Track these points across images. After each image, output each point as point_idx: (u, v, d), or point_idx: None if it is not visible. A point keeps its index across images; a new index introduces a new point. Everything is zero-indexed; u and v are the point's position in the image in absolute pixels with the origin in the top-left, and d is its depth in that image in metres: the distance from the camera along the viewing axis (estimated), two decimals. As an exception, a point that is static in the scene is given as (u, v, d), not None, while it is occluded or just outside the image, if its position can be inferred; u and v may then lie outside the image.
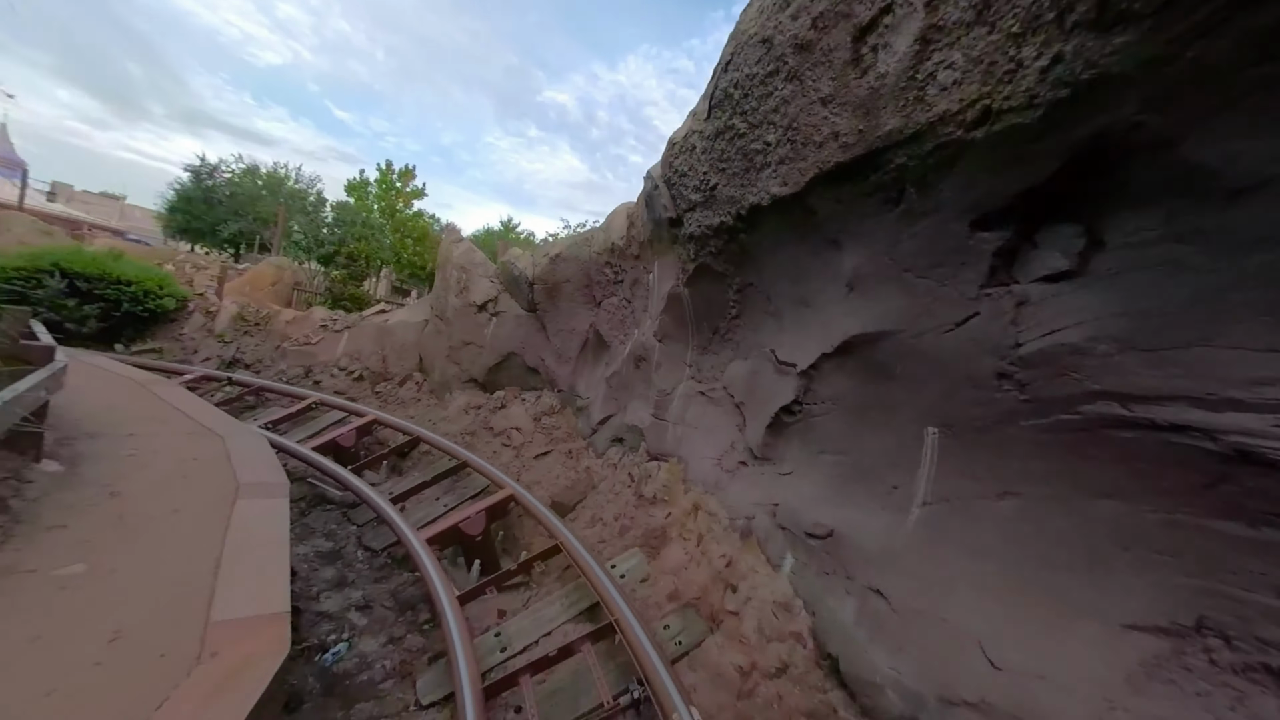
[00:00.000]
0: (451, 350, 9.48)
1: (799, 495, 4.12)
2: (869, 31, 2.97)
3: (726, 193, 4.48)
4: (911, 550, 3.17)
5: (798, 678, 3.43)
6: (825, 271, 3.88)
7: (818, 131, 3.39)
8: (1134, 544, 2.30)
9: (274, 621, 1.99)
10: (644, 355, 6.78)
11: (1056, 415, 2.52)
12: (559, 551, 4.81)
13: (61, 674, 1.65)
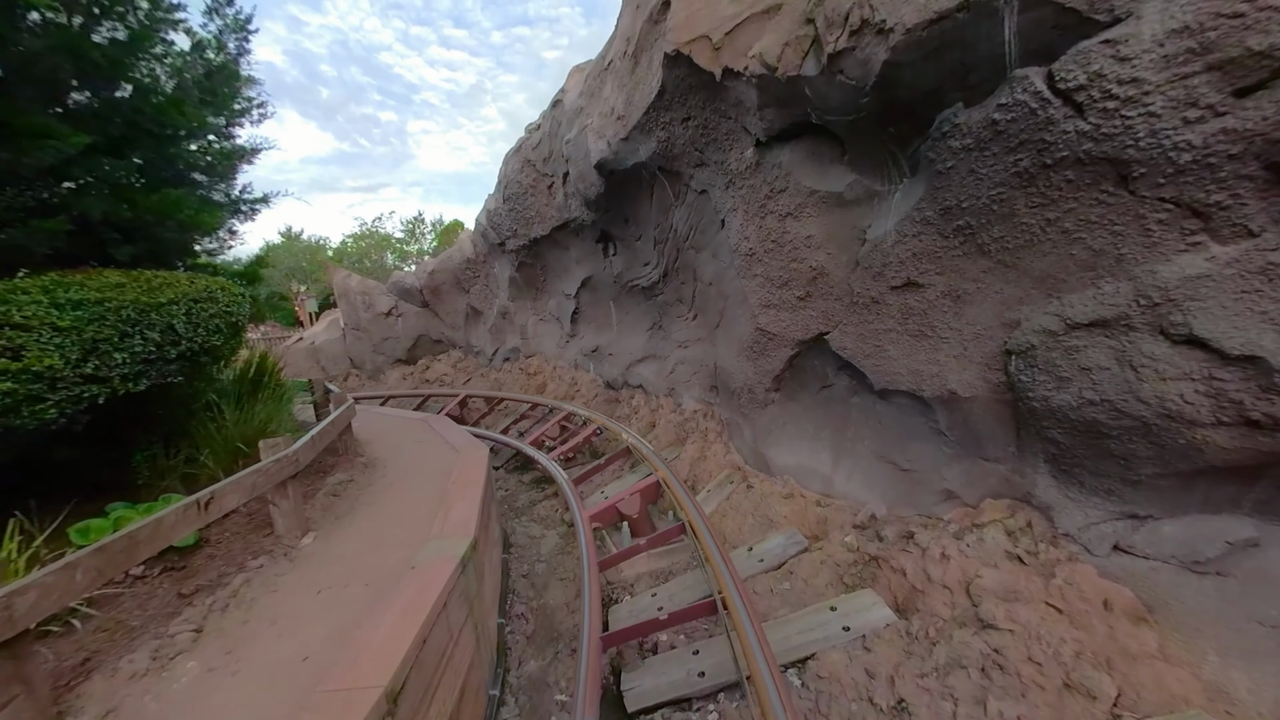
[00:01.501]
0: (375, 346, 14.19)
1: (608, 349, 10.72)
2: (551, 181, 9.20)
3: (522, 232, 10.54)
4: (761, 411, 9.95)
5: (713, 441, 10.13)
6: (567, 258, 10.27)
7: (545, 211, 9.61)
8: (854, 423, 9.22)
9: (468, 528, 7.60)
10: (506, 310, 12.73)
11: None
12: (501, 402, 10.90)
13: (400, 526, 7.22)
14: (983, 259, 3.34)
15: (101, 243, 3.70)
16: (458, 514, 4.12)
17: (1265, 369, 2.40)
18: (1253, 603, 2.71)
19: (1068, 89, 2.64)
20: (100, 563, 2.30)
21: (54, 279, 3.04)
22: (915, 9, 2.90)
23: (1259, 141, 2.29)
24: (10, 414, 2.64)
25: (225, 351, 4.04)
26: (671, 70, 4.82)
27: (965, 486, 3.84)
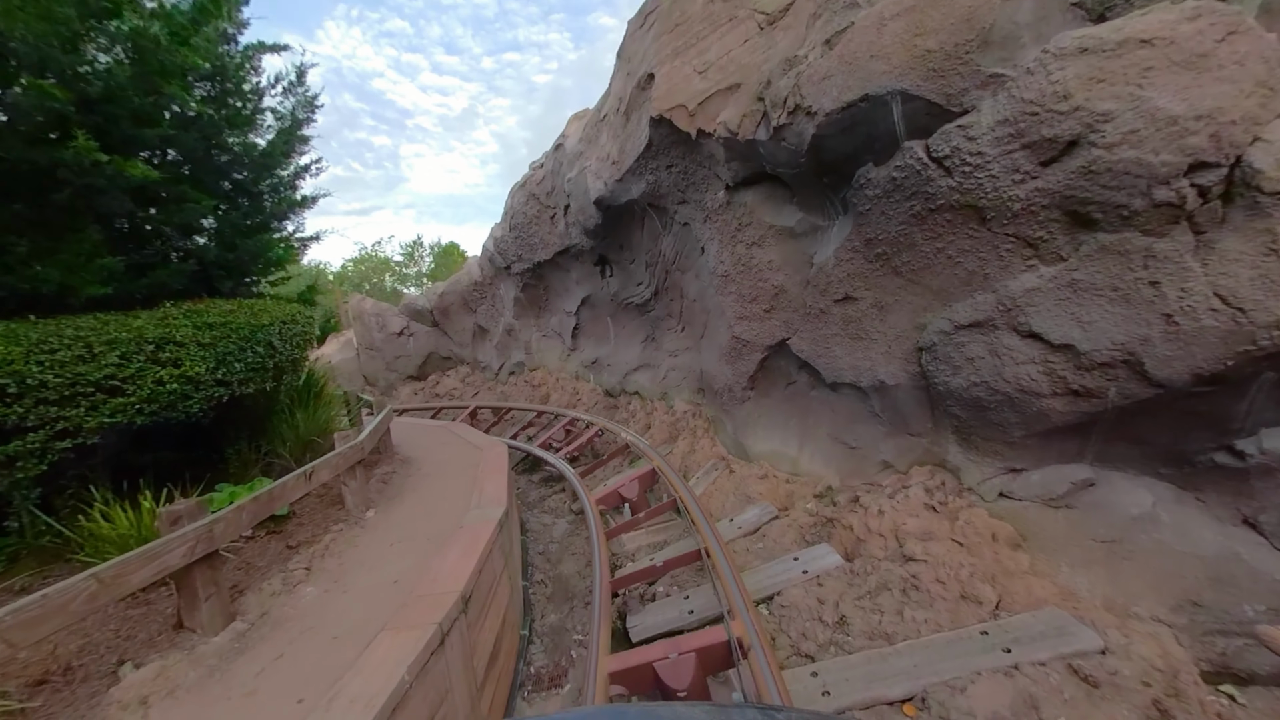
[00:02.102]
0: (388, 364, 15.11)
1: (607, 360, 11.70)
2: (554, 212, 10.28)
3: (526, 256, 11.59)
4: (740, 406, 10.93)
5: (701, 436, 11.07)
6: (568, 279, 11.31)
7: (548, 239, 10.68)
8: (813, 413, 10.22)
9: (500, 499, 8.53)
10: (511, 328, 13.72)
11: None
12: (509, 412, 11.82)
13: (444, 502, 8.14)
14: (897, 278, 4.37)
15: (210, 278, 4.67)
16: (490, 490, 5.04)
17: (1076, 353, 3.41)
18: (1090, 526, 3.68)
19: (939, 157, 3.69)
20: (256, 507, 3.22)
21: (190, 307, 3.99)
22: (831, 98, 3.98)
23: (1059, 196, 3.33)
24: (170, 408, 3.57)
25: (300, 364, 4.98)
26: (656, 129, 5.90)
27: (898, 457, 4.81)
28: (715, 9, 5.22)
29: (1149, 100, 2.93)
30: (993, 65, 3.45)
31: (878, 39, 3.71)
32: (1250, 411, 3.15)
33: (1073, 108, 3.10)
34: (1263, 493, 3.25)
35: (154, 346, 3.48)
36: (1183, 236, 3.02)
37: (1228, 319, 2.91)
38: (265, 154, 5.28)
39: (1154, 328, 3.12)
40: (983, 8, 3.42)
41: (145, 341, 3.45)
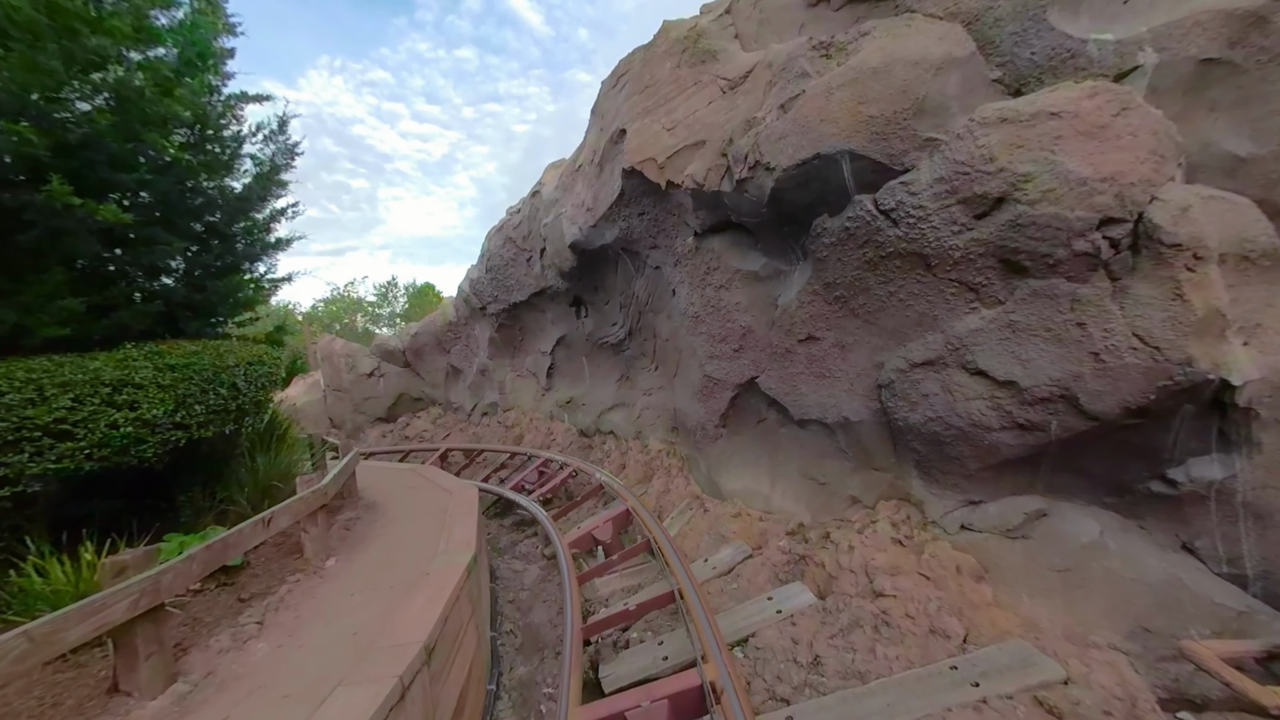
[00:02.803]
0: (356, 406, 14.70)
1: (582, 400, 11.68)
2: (530, 255, 10.50)
3: (502, 297, 11.71)
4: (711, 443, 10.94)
5: (675, 475, 10.96)
6: (544, 319, 11.42)
7: (524, 280, 10.85)
8: (783, 449, 10.33)
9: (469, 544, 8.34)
10: (485, 368, 13.63)
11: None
12: (481, 453, 11.57)
13: (409, 549, 7.91)
14: (855, 319, 4.63)
15: (175, 319, 4.59)
16: (459, 535, 4.90)
17: (1019, 389, 3.65)
18: (1045, 555, 3.82)
19: (887, 209, 4.02)
20: (208, 557, 3.08)
21: (152, 348, 3.91)
22: (787, 156, 4.32)
23: (993, 246, 3.65)
24: (122, 453, 3.44)
25: (264, 406, 4.86)
26: (628, 179, 6.23)
27: (865, 492, 4.92)
28: (682, 74, 5.67)
29: (1061, 164, 3.30)
30: (928, 130, 3.84)
31: (826, 105, 4.09)
32: (1177, 442, 3.40)
33: (998, 169, 3.47)
34: (1195, 519, 3.46)
35: (110, 389, 3.39)
36: (1101, 282, 3.34)
37: (1147, 356, 3.20)
38: (241, 197, 5.33)
39: (1084, 365, 3.39)
40: (916, 81, 3.84)
41: (101, 383, 3.35)
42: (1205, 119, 3.63)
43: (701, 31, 5.64)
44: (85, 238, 3.69)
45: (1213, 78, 3.57)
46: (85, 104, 3.57)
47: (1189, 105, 3.62)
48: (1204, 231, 3.15)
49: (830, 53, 4.50)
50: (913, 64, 3.86)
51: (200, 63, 4.19)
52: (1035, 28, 3.80)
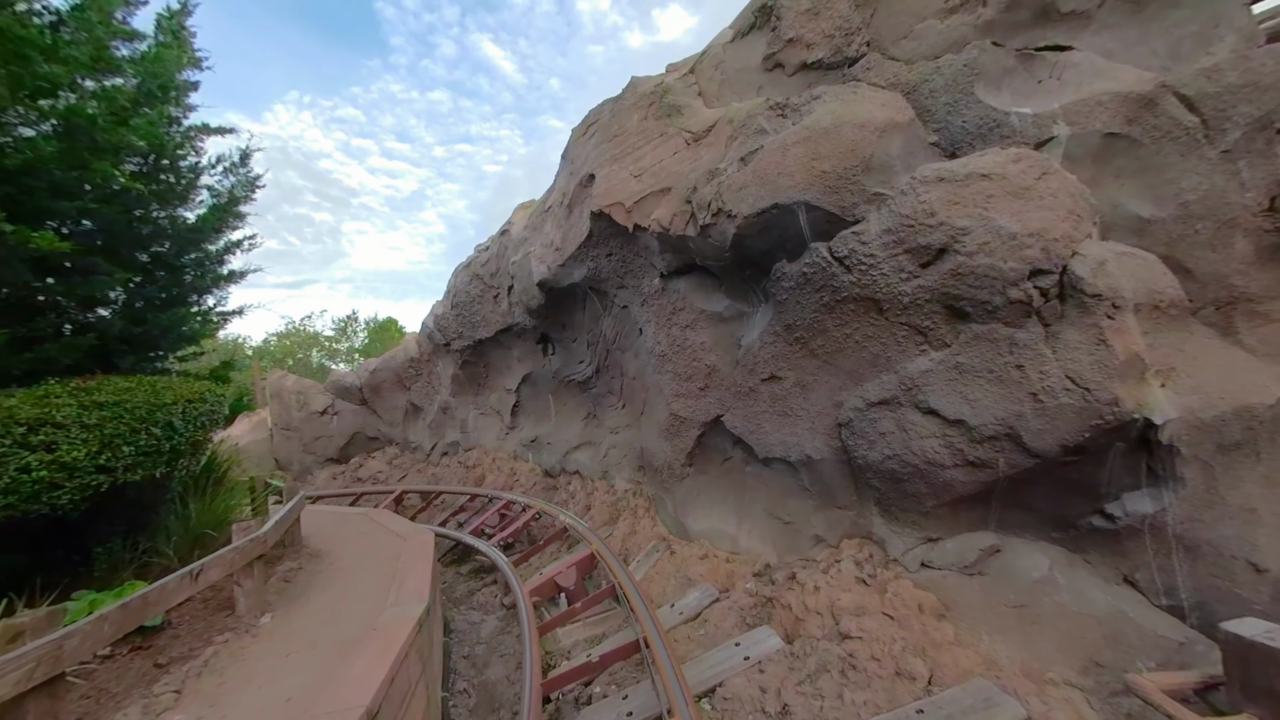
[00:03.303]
0: (305, 446, 13.89)
1: (547, 439, 11.41)
2: (497, 292, 10.47)
3: (467, 334, 11.54)
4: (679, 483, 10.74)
5: (642, 516, 10.64)
6: (509, 356, 11.29)
7: (490, 317, 10.76)
8: (749, 488, 10.22)
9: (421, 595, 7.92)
10: (446, 406, 13.23)
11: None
12: (439, 496, 11.05)
13: (356, 601, 7.48)
14: (814, 360, 4.79)
15: (108, 353, 4.28)
16: (411, 585, 4.62)
17: (968, 427, 3.82)
18: (1001, 592, 3.90)
19: (840, 256, 4.25)
20: (123, 617, 2.78)
21: (79, 385, 3.62)
22: (748, 204, 4.55)
23: (937, 292, 3.89)
24: (33, 500, 3.12)
25: (202, 446, 4.53)
26: (597, 221, 6.39)
27: (828, 530, 4.96)
28: (649, 125, 5.96)
29: (993, 220, 3.61)
30: (875, 186, 4.14)
31: (783, 160, 4.37)
32: (1111, 478, 3.61)
33: (939, 222, 3.75)
34: (1134, 552, 3.64)
35: (25, 428, 3.10)
36: (1035, 328, 3.60)
37: (1079, 397, 3.43)
38: (194, 228, 5.14)
39: (1025, 405, 3.60)
40: (863, 142, 4.17)
41: (15, 423, 3.06)
42: (1113, 184, 4.07)
43: (667, 88, 5.99)
44: (15, 265, 3.45)
45: (1116, 149, 4.03)
46: (29, 129, 3.42)
47: (1099, 172, 4.06)
48: (1119, 283, 3.47)
49: (786, 113, 4.85)
50: (860, 126, 4.20)
51: (161, 94, 4.11)
52: (965, 100, 4.23)
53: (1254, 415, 3.42)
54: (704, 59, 5.98)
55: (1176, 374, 3.53)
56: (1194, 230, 3.99)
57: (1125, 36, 4.17)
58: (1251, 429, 3.42)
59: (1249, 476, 3.47)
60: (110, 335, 4.13)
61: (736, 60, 5.63)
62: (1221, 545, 3.45)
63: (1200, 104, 3.92)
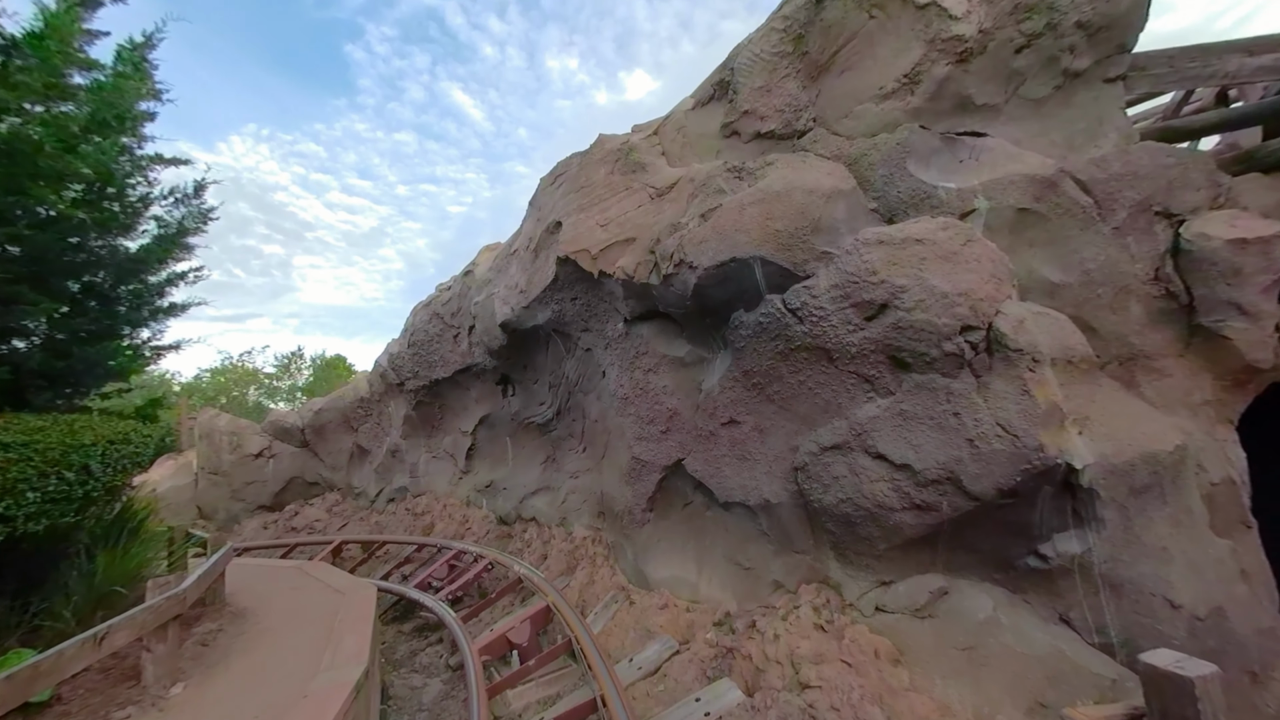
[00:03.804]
0: (234, 492, 12.78)
1: (503, 484, 10.99)
2: (458, 332, 10.32)
3: (423, 373, 11.23)
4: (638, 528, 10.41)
5: (601, 565, 10.16)
6: (467, 397, 11.02)
7: (449, 356, 10.55)
8: (709, 534, 10.01)
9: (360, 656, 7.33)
10: (396, 449, 12.62)
11: (523, 427, 10.14)
12: (383, 546, 10.34)
13: (284, 666, 6.88)
14: (771, 405, 4.97)
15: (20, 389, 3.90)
16: (349, 645, 4.26)
17: (913, 471, 4.03)
18: (951, 634, 4.02)
19: (793, 308, 4.52)
20: (6, 692, 2.43)
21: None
22: (708, 257, 4.81)
23: (881, 344, 4.19)
24: (-92, 554, 2.74)
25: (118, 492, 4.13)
26: (563, 266, 6.53)
27: (787, 575, 4.99)
28: (615, 179, 6.27)
29: (928, 280, 3.97)
30: (823, 245, 4.49)
31: (740, 218, 4.69)
32: (1042, 519, 3.86)
33: (880, 280, 4.09)
34: (1066, 591, 3.86)
35: (-89, 472, 2.76)
36: (968, 378, 3.91)
37: (1009, 443, 3.71)
38: (134, 258, 4.88)
39: (963, 450, 3.85)
40: (811, 205, 4.54)
41: (-101, 466, 2.73)
42: (1027, 252, 4.58)
43: (633, 146, 6.36)
44: None
45: (1028, 222, 4.57)
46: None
47: (1014, 241, 4.57)
48: (1037, 339, 3.86)
49: (742, 175, 5.24)
50: (809, 191, 4.59)
51: (117, 124, 3.99)
52: (899, 173, 4.72)
53: (1158, 461, 3.79)
54: (667, 122, 6.42)
55: (1091, 422, 3.89)
56: (1096, 294, 4.52)
57: (1029, 128, 4.83)
58: (1157, 473, 3.79)
59: (1158, 517, 3.81)
60: (26, 369, 3.77)
61: (697, 126, 6.08)
62: (1141, 583, 3.72)
63: (1093, 187, 4.54)
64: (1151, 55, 4.69)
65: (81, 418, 3.86)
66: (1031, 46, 4.63)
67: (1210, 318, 4.37)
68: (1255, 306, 4.28)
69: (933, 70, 4.74)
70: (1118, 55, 4.63)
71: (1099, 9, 4.45)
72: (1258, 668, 3.75)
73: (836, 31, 5.01)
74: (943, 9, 4.63)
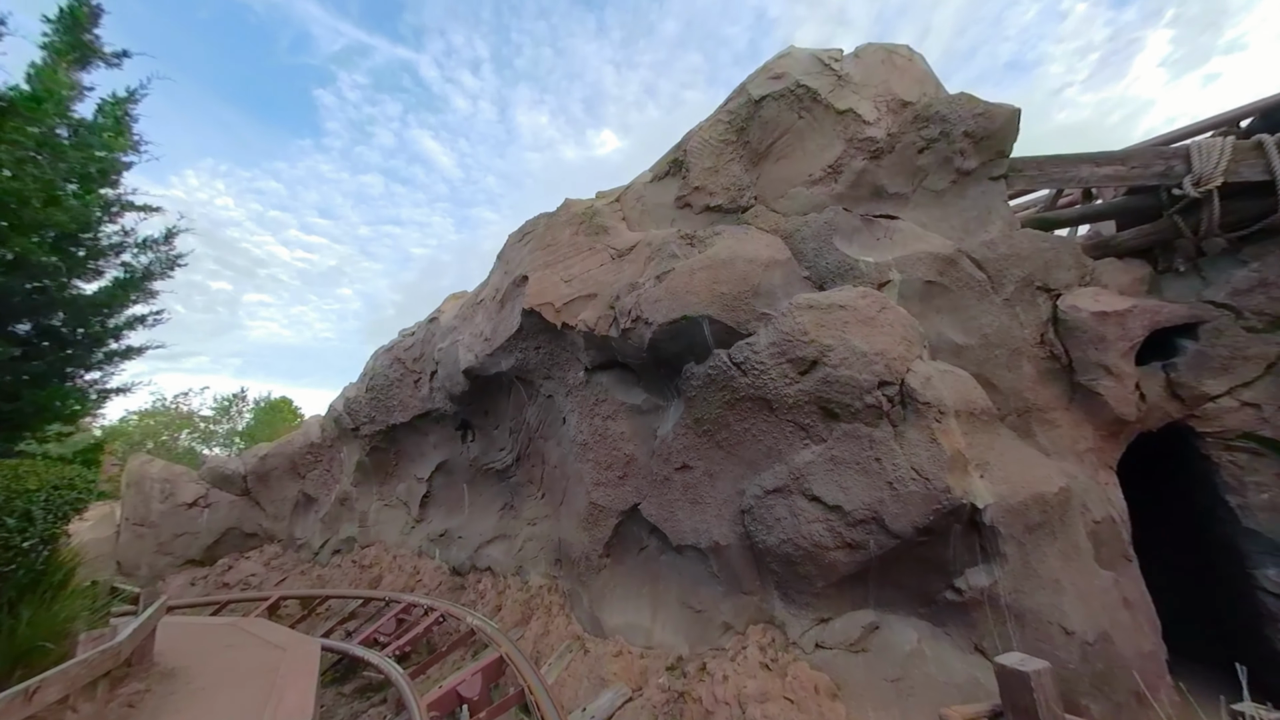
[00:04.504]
0: (161, 545, 11.84)
1: (459, 532, 10.71)
2: (419, 377, 10.35)
3: (381, 418, 11.08)
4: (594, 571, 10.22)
5: (556, 614, 9.82)
6: (425, 443, 10.90)
7: (409, 401, 10.51)
8: (663, 578, 9.95)
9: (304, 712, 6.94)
10: (345, 497, 12.16)
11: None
12: (325, 601, 9.78)
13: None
14: (720, 451, 5.35)
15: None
16: (291, 701, 4.15)
17: (844, 512, 4.45)
18: (881, 667, 4.32)
19: (738, 362, 5.01)
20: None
21: (-78, 468, 3.20)
22: (662, 314, 5.30)
23: (813, 395, 4.70)
24: None
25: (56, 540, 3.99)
26: (528, 317, 6.90)
27: (735, 617, 5.21)
28: (579, 240, 6.80)
29: (850, 341, 4.56)
30: (762, 307, 5.06)
31: (690, 281, 5.23)
32: (955, 555, 4.32)
33: (810, 340, 4.65)
34: (979, 622, 4.28)
35: None
36: (887, 428, 4.44)
37: (922, 485, 4.20)
38: (94, 301, 4.90)
39: (884, 492, 4.31)
40: (752, 273, 5.15)
41: None
42: (935, 318, 5.30)
43: (596, 211, 6.96)
44: None
45: (934, 292, 5.32)
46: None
47: (924, 308, 5.28)
48: (942, 394, 4.46)
49: (694, 242, 5.85)
50: (750, 260, 5.21)
51: (100, 177, 4.16)
52: (827, 248, 5.43)
53: (1046, 501, 4.36)
54: (628, 192, 7.08)
55: (990, 467, 4.46)
56: (994, 355, 5.24)
57: (932, 214, 5.69)
58: (1046, 512, 4.35)
59: (1050, 552, 4.34)
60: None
61: (655, 196, 6.75)
62: (1040, 612, 4.18)
63: (985, 265, 5.36)
64: (1025, 160, 5.69)
65: (25, 462, 3.77)
66: (930, 149, 5.55)
67: (1085, 377, 5.15)
68: (1119, 368, 5.09)
69: (852, 164, 5.58)
70: (999, 159, 5.61)
71: (980, 124, 5.43)
72: (1143, 689, 4.22)
73: (772, 126, 5.83)
74: (858, 115, 5.52)
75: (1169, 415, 5.22)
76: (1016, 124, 5.59)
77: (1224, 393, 5.02)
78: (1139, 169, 5.22)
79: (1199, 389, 5.07)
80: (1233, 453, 5.00)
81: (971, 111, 5.42)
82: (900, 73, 5.67)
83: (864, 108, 5.55)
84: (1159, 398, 5.22)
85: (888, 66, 5.68)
